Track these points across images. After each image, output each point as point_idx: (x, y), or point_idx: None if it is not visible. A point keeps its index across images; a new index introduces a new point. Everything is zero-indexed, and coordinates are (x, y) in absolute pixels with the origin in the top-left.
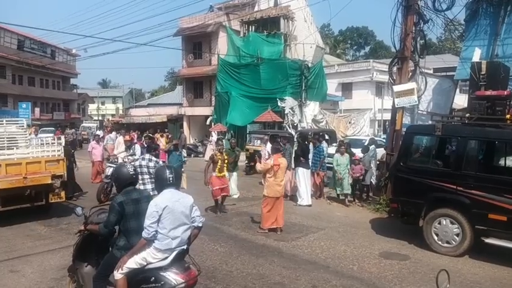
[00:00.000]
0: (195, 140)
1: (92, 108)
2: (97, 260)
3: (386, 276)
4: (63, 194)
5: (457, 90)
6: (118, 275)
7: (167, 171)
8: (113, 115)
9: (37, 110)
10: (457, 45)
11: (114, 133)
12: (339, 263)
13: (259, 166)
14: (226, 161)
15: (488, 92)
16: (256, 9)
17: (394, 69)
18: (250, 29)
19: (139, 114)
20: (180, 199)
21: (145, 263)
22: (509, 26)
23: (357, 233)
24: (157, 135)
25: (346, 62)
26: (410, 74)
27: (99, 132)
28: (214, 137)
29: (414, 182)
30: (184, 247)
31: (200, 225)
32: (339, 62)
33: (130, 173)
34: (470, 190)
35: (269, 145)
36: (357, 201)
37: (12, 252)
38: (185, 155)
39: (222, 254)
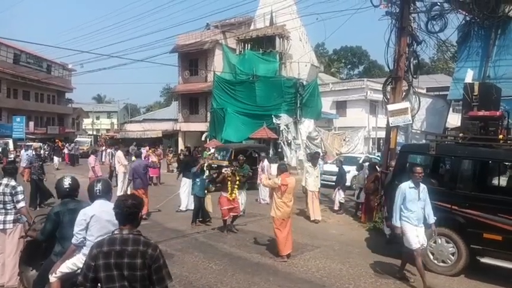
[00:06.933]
0: None
1: (86, 122)
2: (41, 265)
3: None
4: None
5: (450, 109)
6: (52, 278)
7: (97, 184)
8: (107, 130)
9: (31, 124)
10: (449, 66)
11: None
12: (334, 282)
13: (265, 181)
14: (237, 182)
15: (481, 113)
16: (252, 28)
17: (388, 88)
18: (246, 47)
19: (135, 129)
20: (108, 209)
21: (76, 268)
22: (500, 48)
23: (353, 252)
24: (149, 151)
25: (341, 81)
26: (404, 93)
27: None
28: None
29: None
30: None
31: None
32: (333, 80)
33: (65, 186)
34: (465, 209)
35: (266, 162)
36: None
37: None
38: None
39: (217, 272)
